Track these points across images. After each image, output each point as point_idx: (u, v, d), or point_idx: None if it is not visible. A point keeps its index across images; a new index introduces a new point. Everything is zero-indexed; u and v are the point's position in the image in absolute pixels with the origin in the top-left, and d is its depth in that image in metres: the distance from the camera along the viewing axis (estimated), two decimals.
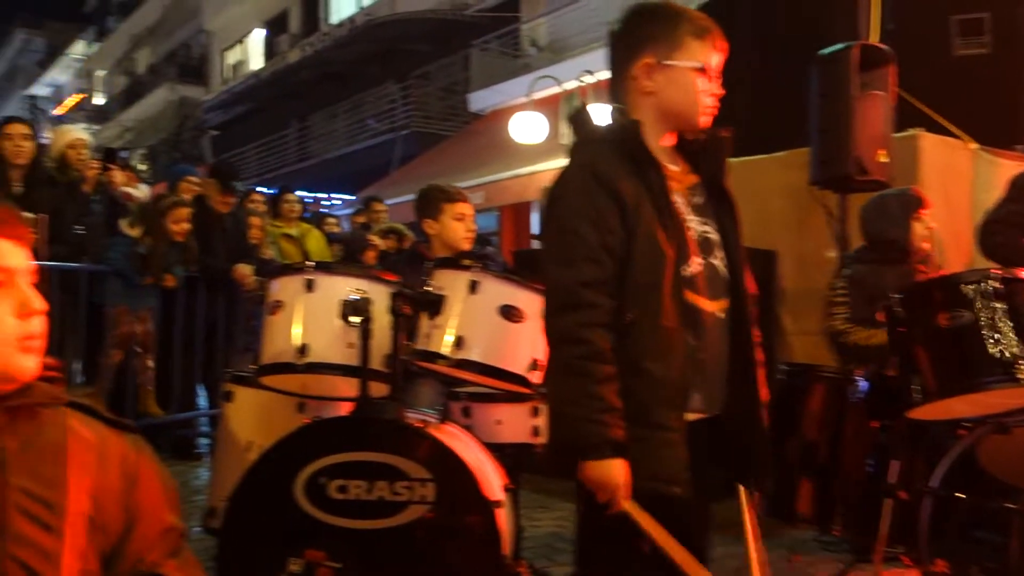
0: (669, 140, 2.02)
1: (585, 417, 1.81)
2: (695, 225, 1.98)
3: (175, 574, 1.37)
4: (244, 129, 25.56)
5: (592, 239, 1.86)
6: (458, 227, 3.65)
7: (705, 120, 1.99)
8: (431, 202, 3.74)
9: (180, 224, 5.51)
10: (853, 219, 4.39)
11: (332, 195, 17.64)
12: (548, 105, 11.22)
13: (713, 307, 1.98)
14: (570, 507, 4.77)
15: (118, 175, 5.87)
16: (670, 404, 1.87)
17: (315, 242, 7.59)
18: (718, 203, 2.05)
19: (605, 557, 1.98)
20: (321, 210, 12.08)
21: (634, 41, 1.99)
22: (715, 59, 1.98)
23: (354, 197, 16.82)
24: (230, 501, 2.52)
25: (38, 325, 1.27)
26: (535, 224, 14.82)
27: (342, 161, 20.46)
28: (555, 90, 11.07)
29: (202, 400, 6.49)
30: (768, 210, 5.16)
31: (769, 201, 5.20)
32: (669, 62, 1.94)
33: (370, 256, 7.14)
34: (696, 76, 1.95)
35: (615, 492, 1.83)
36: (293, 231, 7.52)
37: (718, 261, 2.00)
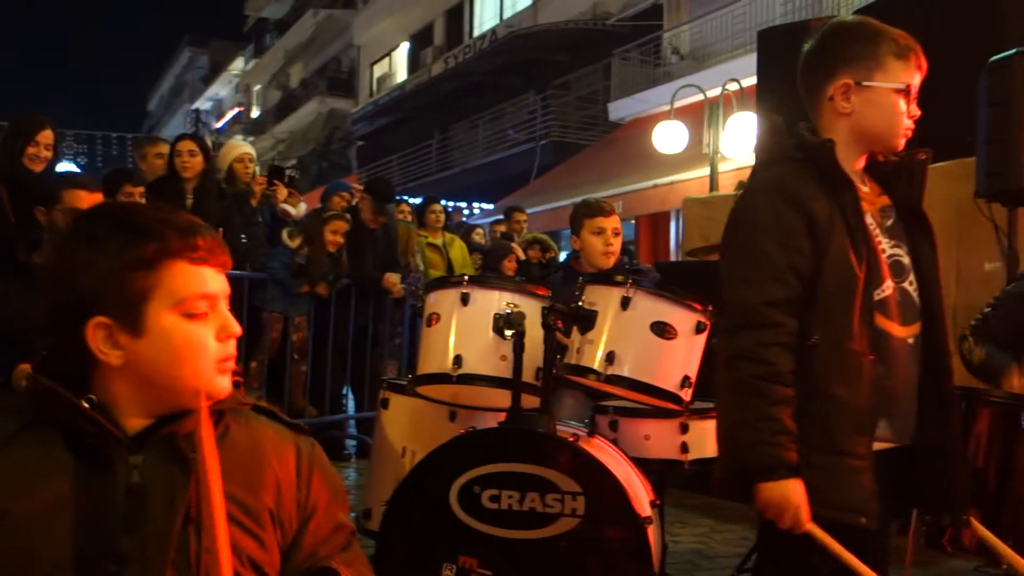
0: (861, 162, 1.98)
1: (760, 440, 1.79)
2: (887, 248, 1.93)
3: (345, 569, 1.43)
4: (389, 140, 26.40)
5: (778, 258, 1.83)
6: (596, 242, 3.62)
7: (901, 142, 1.94)
8: (575, 217, 3.76)
9: (337, 236, 5.77)
10: (1023, 234, 4.14)
11: (472, 204, 18.00)
12: (689, 114, 11.07)
13: (904, 332, 1.92)
14: (710, 523, 4.75)
15: (281, 191, 6.20)
16: (857, 430, 1.83)
17: (458, 251, 7.78)
18: (912, 226, 1.99)
19: None
20: (466, 220, 12.33)
21: (832, 60, 1.94)
22: (916, 79, 1.92)
23: (493, 206, 17.10)
24: (388, 505, 2.62)
25: (233, 347, 1.36)
26: (674, 235, 14.64)
27: (482, 171, 20.82)
28: (697, 98, 10.92)
29: (350, 403, 6.75)
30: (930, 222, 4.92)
31: (931, 213, 4.96)
32: (869, 83, 1.90)
33: (509, 266, 7.25)
34: (897, 97, 1.90)
35: (794, 514, 1.80)
36: (437, 240, 7.73)
37: (910, 285, 1.95)
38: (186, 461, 1.30)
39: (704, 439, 3.08)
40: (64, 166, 7.44)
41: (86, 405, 1.27)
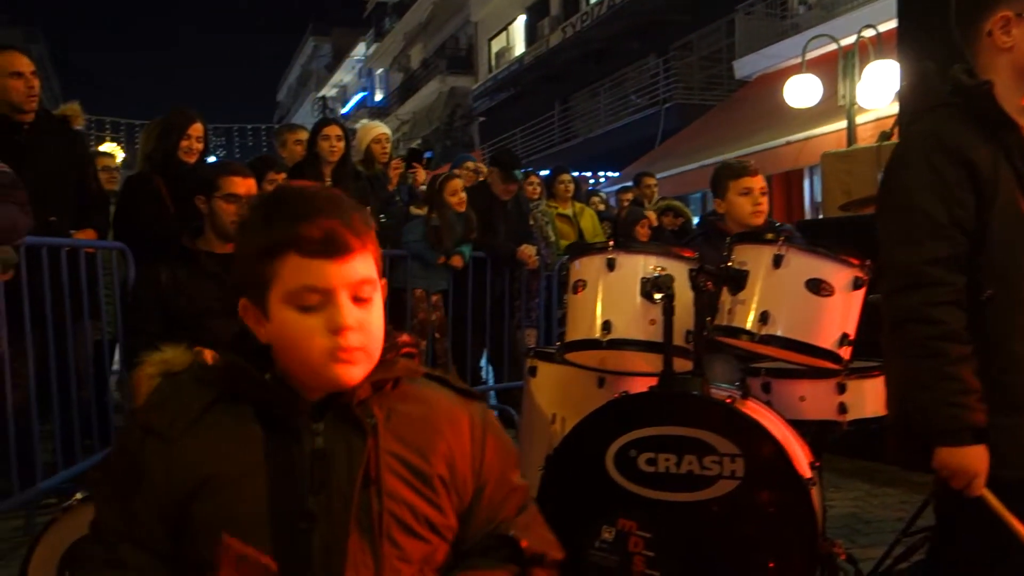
0: None
1: (941, 400, 1.72)
2: None
3: (523, 534, 1.46)
4: (510, 114, 26.52)
5: (939, 214, 1.75)
6: (744, 202, 3.59)
7: None
8: (718, 180, 3.72)
9: (457, 195, 5.83)
10: None
11: (597, 173, 17.88)
12: (822, 65, 10.62)
13: None
14: (865, 487, 4.60)
15: (420, 174, 6.32)
16: None
17: (588, 221, 7.75)
18: None
19: (964, 550, 1.87)
20: (592, 189, 12.28)
21: None
22: None
23: (619, 174, 16.95)
24: (545, 470, 2.66)
25: (351, 339, 1.32)
26: (808, 192, 14.13)
27: (606, 139, 20.64)
28: (829, 48, 10.46)
29: (489, 375, 6.86)
30: None
31: None
32: None
33: (642, 232, 7.18)
34: None
35: (973, 480, 1.73)
36: (567, 211, 7.73)
37: None
38: (362, 427, 1.37)
39: (863, 399, 2.98)
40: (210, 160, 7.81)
41: (268, 378, 1.36)
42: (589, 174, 17.55)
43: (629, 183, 9.99)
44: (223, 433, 1.35)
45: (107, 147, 11.15)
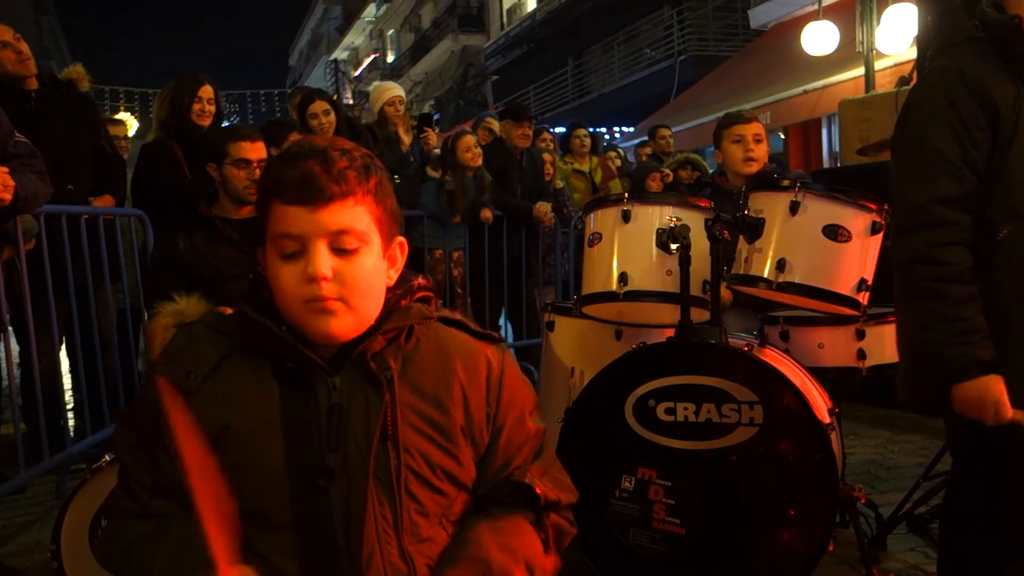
0: None
1: (947, 341, 1.72)
2: None
3: (538, 481, 1.46)
4: (523, 71, 26.24)
5: (952, 152, 1.74)
6: (735, 150, 3.54)
7: None
8: (715, 132, 3.67)
9: (471, 151, 5.80)
10: None
11: (612, 128, 17.73)
12: (839, 11, 10.44)
13: None
14: (886, 434, 4.61)
15: (432, 137, 6.29)
16: None
17: (597, 175, 7.71)
18: None
19: (977, 499, 1.87)
20: (606, 144, 12.19)
21: None
22: None
23: (634, 129, 16.79)
24: (564, 423, 2.68)
25: (325, 289, 1.31)
26: (826, 142, 13.95)
27: (621, 93, 20.41)
28: None
29: (508, 333, 6.88)
30: None
31: None
32: None
33: (654, 185, 7.12)
34: None
35: (995, 409, 1.73)
36: (584, 167, 7.68)
37: None
38: (378, 381, 1.36)
39: (882, 345, 2.97)
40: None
41: (283, 331, 1.35)
42: (604, 130, 17.41)
43: (645, 137, 9.89)
44: (240, 384, 1.35)
45: (120, 116, 11.14)
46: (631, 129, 17.33)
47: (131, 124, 8.95)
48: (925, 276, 1.75)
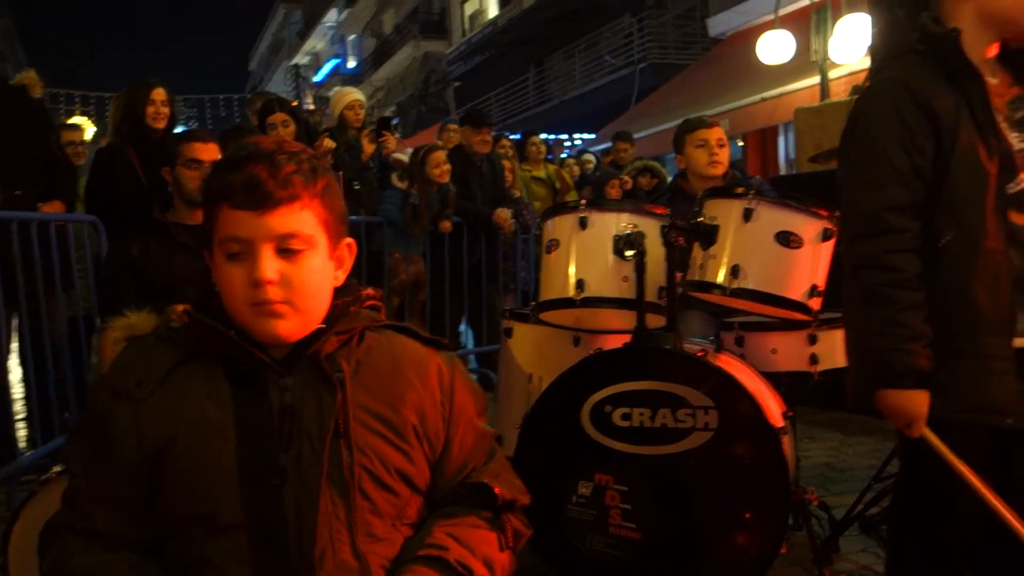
0: (992, 50, 1.87)
1: (890, 346, 1.77)
2: (1016, 142, 1.84)
3: (495, 481, 1.47)
4: (485, 78, 26.29)
5: (900, 161, 1.78)
6: (700, 154, 3.58)
7: None
8: (677, 137, 3.72)
9: (439, 168, 5.81)
10: None
11: (573, 135, 17.81)
12: (795, 21, 10.60)
13: None
14: (839, 437, 4.68)
15: (391, 141, 6.28)
16: (996, 331, 1.78)
17: (563, 183, 7.76)
18: None
19: (926, 496, 1.92)
20: (568, 152, 12.26)
21: None
22: None
23: (595, 136, 16.89)
24: (521, 429, 2.68)
25: (270, 292, 1.30)
26: (783, 149, 14.16)
27: (581, 101, 20.53)
28: (803, 4, 10.45)
29: (468, 339, 6.89)
30: None
31: None
32: None
33: (613, 192, 7.18)
34: None
35: (913, 422, 1.79)
36: (541, 173, 7.72)
37: None
38: (331, 380, 1.37)
39: (834, 349, 3.02)
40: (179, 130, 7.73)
41: (233, 335, 1.35)
42: (565, 136, 17.50)
43: (608, 144, 9.97)
44: (191, 391, 1.36)
45: (76, 120, 10.97)
46: (592, 136, 17.42)
47: (87, 128, 8.80)
48: (876, 282, 1.79)
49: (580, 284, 2.80)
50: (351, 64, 40.34)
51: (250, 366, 1.36)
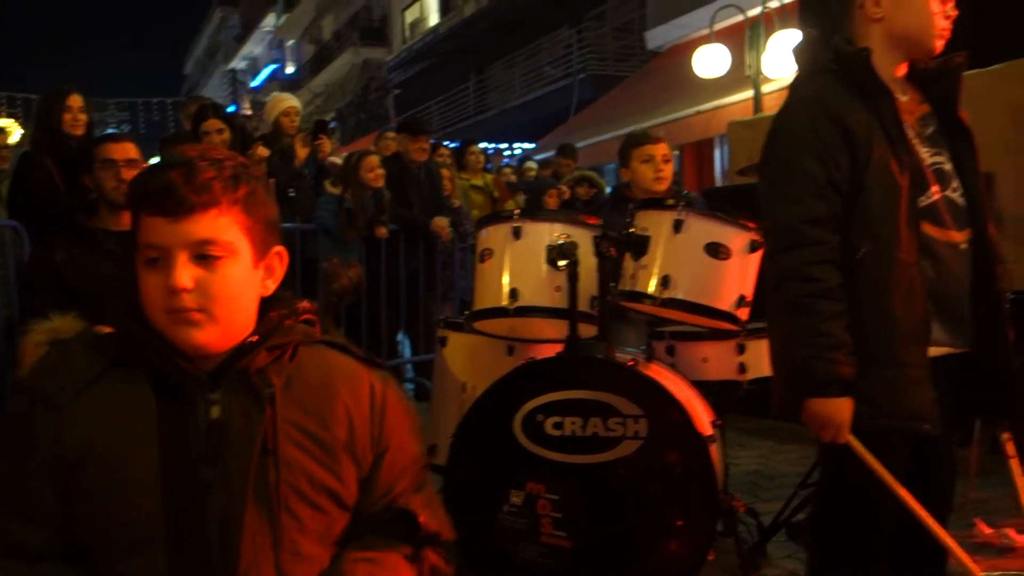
0: (901, 69, 1.94)
1: (813, 356, 1.81)
2: (927, 156, 1.91)
3: (421, 510, 1.46)
4: (425, 86, 26.23)
5: (818, 175, 1.83)
6: (646, 169, 3.60)
7: (939, 44, 1.89)
8: (623, 150, 3.75)
9: (373, 171, 5.78)
10: None
11: (512, 144, 17.87)
12: (730, 36, 10.80)
13: (957, 238, 1.91)
14: (770, 444, 4.77)
15: (327, 145, 6.23)
16: (911, 340, 1.84)
17: (502, 192, 7.78)
18: (953, 133, 1.95)
19: (846, 501, 1.97)
20: (507, 161, 12.30)
21: None
22: None
23: (534, 145, 16.97)
24: (454, 439, 2.68)
25: (185, 300, 1.29)
26: (718, 161, 14.41)
27: (521, 110, 20.62)
28: (738, 19, 10.65)
29: (406, 349, 6.86)
30: (985, 129, 4.75)
31: (986, 119, 4.78)
32: None
33: (551, 202, 7.23)
34: None
35: (836, 430, 1.83)
36: (479, 182, 7.74)
37: (954, 192, 1.92)
38: (260, 395, 1.35)
39: (761, 359, 3.07)
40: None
41: (160, 343, 1.33)
42: (505, 146, 17.54)
43: (548, 154, 10.04)
44: (114, 401, 1.33)
45: (1, 123, 10.65)
46: (532, 145, 17.51)
47: (13, 131, 8.55)
48: (797, 293, 1.84)
49: (514, 293, 2.81)
50: (289, 69, 39.87)
51: (177, 378, 1.33)
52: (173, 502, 1.29)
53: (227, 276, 1.33)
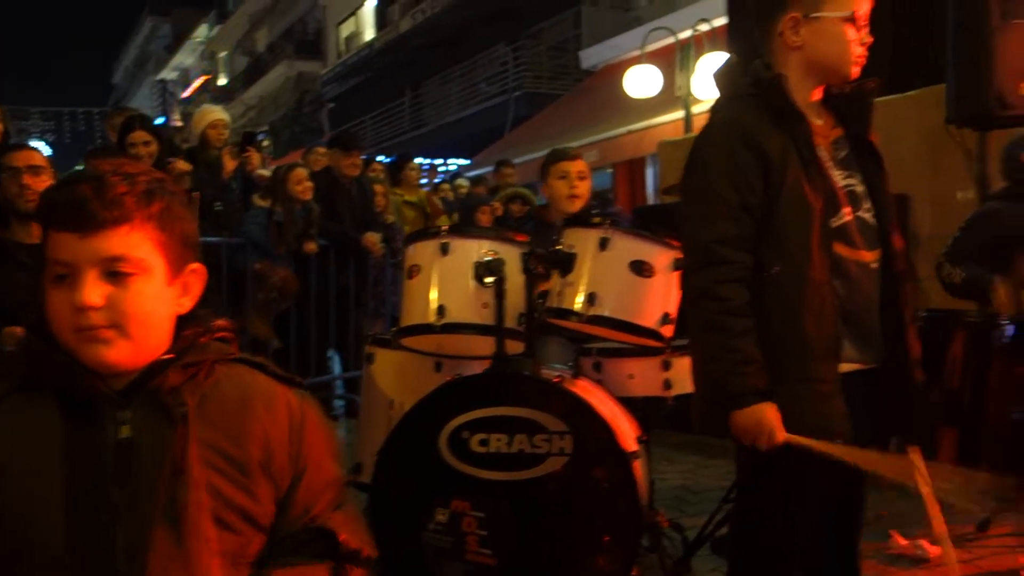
0: (817, 94, 2.00)
1: (726, 371, 1.85)
2: (839, 179, 1.96)
3: (341, 528, 1.44)
4: (360, 100, 26.10)
5: (731, 197, 1.88)
6: (560, 186, 3.60)
7: (855, 71, 1.96)
8: (542, 167, 3.76)
9: (302, 184, 5.72)
10: (993, 159, 4.18)
11: (447, 160, 17.88)
12: (662, 57, 11.01)
13: (867, 257, 1.97)
14: (696, 459, 4.83)
15: (255, 157, 6.15)
16: (822, 357, 1.88)
17: (434, 208, 7.77)
18: (865, 156, 2.02)
19: (763, 514, 2.00)
20: (442, 177, 12.31)
21: None
22: (863, 7, 1.95)
23: (469, 161, 17.02)
24: (379, 456, 2.66)
25: (93, 317, 1.27)
26: (650, 180, 14.64)
27: (456, 126, 20.65)
28: (669, 41, 10.86)
29: (336, 365, 6.78)
30: (900, 152, 4.93)
31: (902, 143, 5.00)
32: (817, 14, 1.92)
33: (483, 218, 7.25)
34: (845, 26, 1.92)
35: (768, 434, 1.85)
36: (414, 198, 7.72)
37: (867, 213, 1.98)
38: (172, 416, 1.32)
39: (686, 375, 3.08)
40: (34, 144, 7.35)
41: (69, 362, 1.29)
42: (440, 161, 17.54)
43: (484, 170, 10.07)
44: (18, 422, 1.29)
45: None
46: (467, 161, 17.56)
47: None
48: (709, 310, 1.88)
49: (441, 310, 2.80)
50: (222, 81, 39.29)
51: (86, 397, 1.30)
52: (79, 524, 1.26)
53: (139, 293, 1.30)
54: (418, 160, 8.93)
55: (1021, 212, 3.54)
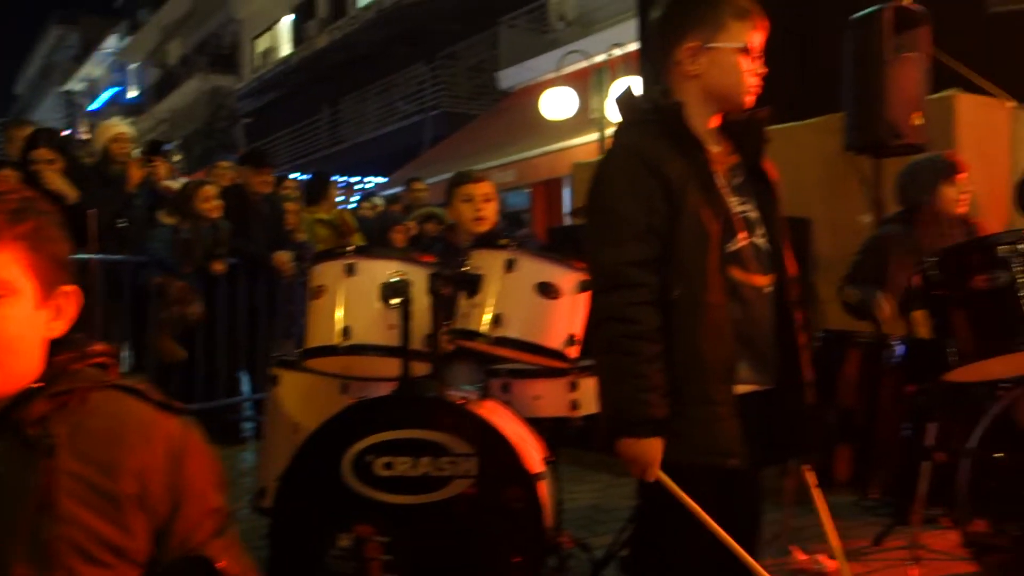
0: (714, 121, 2.05)
1: (628, 396, 1.87)
2: (735, 205, 2.01)
3: (221, 554, 1.39)
4: (276, 116, 25.75)
5: (638, 219, 1.90)
6: (465, 209, 3.60)
7: (750, 99, 2.02)
8: (448, 189, 3.74)
9: (210, 202, 5.60)
10: (888, 184, 4.37)
11: (365, 178, 17.75)
12: (577, 80, 11.19)
13: (761, 281, 2.02)
14: (606, 478, 4.87)
15: (162, 168, 5.99)
16: (719, 379, 1.92)
17: (346, 226, 7.68)
18: (759, 183, 2.08)
19: (662, 533, 2.03)
20: (354, 197, 12.20)
21: (677, 26, 2.02)
22: (757, 38, 2.01)
23: (387, 179, 16.93)
24: (280, 481, 2.60)
25: None
26: (567, 200, 14.80)
27: (374, 144, 20.54)
28: (584, 64, 11.04)
29: (245, 386, 6.63)
30: (802, 178, 5.13)
31: (803, 169, 5.18)
32: (713, 45, 1.97)
33: (398, 238, 7.21)
34: (739, 57, 1.98)
35: (647, 467, 1.90)
36: (326, 216, 7.62)
37: (760, 239, 2.04)
38: (37, 448, 1.26)
39: (593, 395, 3.13)
40: None
41: None
42: (357, 179, 17.40)
43: (400, 188, 10.02)
44: None
45: None
46: (384, 179, 17.47)
47: None
48: (618, 333, 1.90)
49: (346, 331, 2.77)
50: (132, 94, 38.24)
51: None
52: None
53: (5, 317, 1.24)
54: (334, 178, 8.84)
55: (912, 234, 3.71)
